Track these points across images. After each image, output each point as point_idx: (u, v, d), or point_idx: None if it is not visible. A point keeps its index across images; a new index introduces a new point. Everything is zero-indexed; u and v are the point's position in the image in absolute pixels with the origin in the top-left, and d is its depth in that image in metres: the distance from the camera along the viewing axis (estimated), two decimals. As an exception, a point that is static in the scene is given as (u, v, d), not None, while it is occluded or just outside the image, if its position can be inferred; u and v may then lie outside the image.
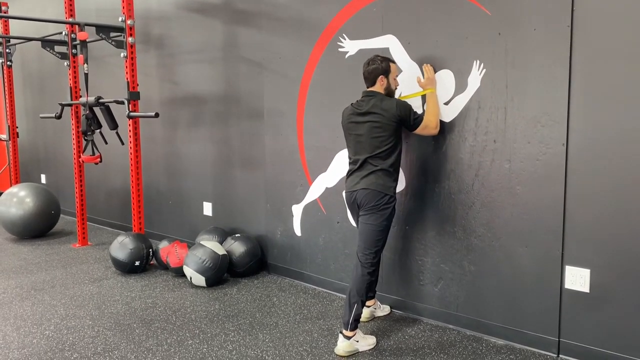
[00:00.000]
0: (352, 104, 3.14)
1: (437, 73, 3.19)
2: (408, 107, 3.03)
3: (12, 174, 6.50)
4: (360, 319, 3.30)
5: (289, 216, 4.15)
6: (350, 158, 3.14)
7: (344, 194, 3.23)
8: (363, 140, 3.02)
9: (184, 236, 5.02)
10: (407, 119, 3.01)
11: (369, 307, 3.41)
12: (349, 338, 2.94)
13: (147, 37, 5.23)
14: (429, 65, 3.17)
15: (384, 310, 3.48)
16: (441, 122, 3.20)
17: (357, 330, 2.98)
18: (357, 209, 3.06)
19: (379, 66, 3.04)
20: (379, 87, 3.06)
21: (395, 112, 2.96)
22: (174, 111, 5.08)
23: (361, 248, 3.02)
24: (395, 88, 3.15)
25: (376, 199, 2.97)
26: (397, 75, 3.16)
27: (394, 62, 3.14)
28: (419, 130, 3.07)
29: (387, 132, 2.98)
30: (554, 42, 2.74)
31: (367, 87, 3.10)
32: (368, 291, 3.03)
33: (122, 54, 4.57)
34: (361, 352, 2.97)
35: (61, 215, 6.18)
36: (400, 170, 3.42)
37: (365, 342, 3.01)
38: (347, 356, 2.92)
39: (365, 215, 3.01)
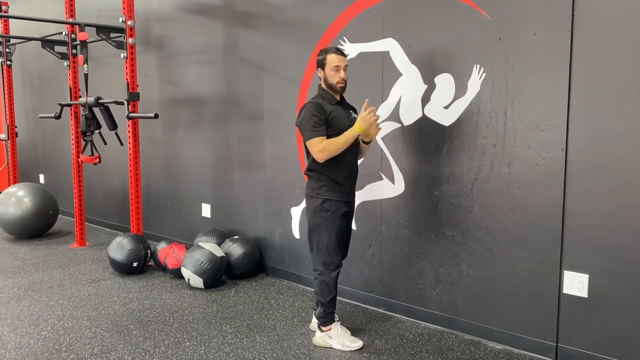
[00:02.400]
0: None
1: (437, 77, 3.19)
2: (305, 118, 2.91)
3: (10, 173, 6.49)
4: (311, 328, 3.31)
5: (287, 218, 4.15)
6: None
7: None
8: None
9: (182, 237, 5.02)
10: (301, 129, 2.97)
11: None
12: (322, 331, 3.09)
13: (148, 38, 5.23)
14: (370, 107, 2.91)
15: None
16: (441, 125, 3.20)
17: (334, 327, 3.07)
18: None
19: (317, 59, 3.02)
20: (321, 80, 3.03)
21: (296, 120, 3.00)
22: (174, 112, 5.08)
23: None
24: (339, 82, 2.95)
25: (306, 204, 3.08)
26: (335, 66, 2.93)
27: (338, 52, 2.96)
28: (307, 144, 2.93)
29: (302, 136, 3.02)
30: (554, 46, 2.74)
31: None
32: (327, 292, 3.03)
33: (122, 55, 4.57)
34: (336, 349, 3.04)
35: (59, 216, 6.17)
36: (400, 174, 3.42)
37: (340, 340, 3.05)
38: (326, 347, 3.07)
39: None
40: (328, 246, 3.01)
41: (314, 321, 3.26)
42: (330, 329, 3.07)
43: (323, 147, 2.89)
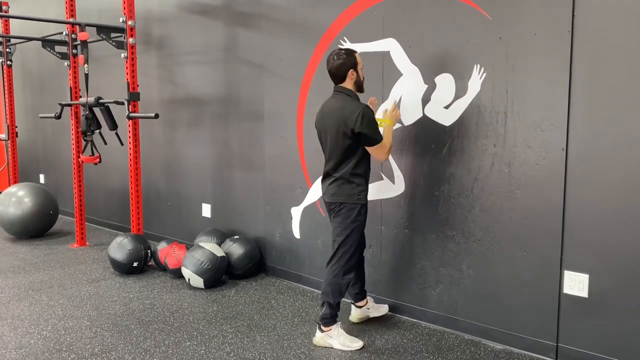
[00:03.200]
0: (323, 104, 3.12)
1: (437, 77, 3.19)
2: (372, 123, 2.93)
3: (11, 173, 6.49)
4: (354, 320, 3.39)
5: (288, 218, 4.15)
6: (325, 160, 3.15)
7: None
8: (332, 145, 3.02)
9: (183, 237, 5.02)
10: (367, 135, 2.91)
11: (360, 307, 3.40)
12: (322, 331, 3.08)
13: (148, 38, 5.23)
14: (394, 103, 3.19)
15: (379, 310, 3.46)
16: (441, 125, 3.21)
17: (335, 328, 3.07)
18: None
19: (346, 60, 2.96)
20: (349, 82, 3.01)
21: (354, 128, 2.88)
22: (174, 112, 5.08)
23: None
24: (363, 79, 3.07)
25: (337, 209, 3.05)
26: (362, 64, 3.06)
27: (356, 51, 3.07)
28: (373, 149, 2.97)
29: (348, 141, 2.94)
30: (555, 46, 2.74)
31: (336, 84, 3.05)
32: (339, 294, 3.05)
33: (122, 55, 4.57)
34: (337, 349, 3.04)
35: (60, 216, 6.17)
36: (400, 174, 3.43)
37: (340, 340, 3.05)
38: (326, 347, 3.07)
39: (332, 222, 3.11)
40: (354, 250, 3.06)
41: (355, 313, 3.39)
42: (330, 329, 3.07)
43: (389, 148, 3.06)
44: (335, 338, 3.06)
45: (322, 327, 3.09)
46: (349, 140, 2.93)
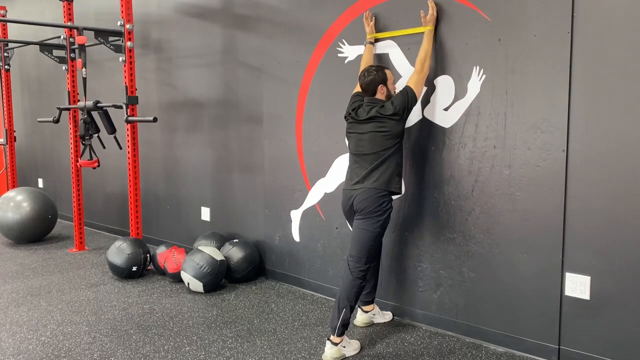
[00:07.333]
0: (359, 104, 3.12)
1: (436, 79, 3.19)
2: (399, 94, 3.05)
3: (9, 178, 6.47)
4: (358, 324, 3.35)
5: (287, 222, 4.14)
6: (351, 156, 3.14)
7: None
8: (366, 144, 3.03)
9: (182, 241, 5.00)
10: (406, 100, 3.00)
11: (367, 312, 3.39)
12: (336, 344, 2.94)
13: (146, 41, 5.22)
14: (432, 1, 3.13)
15: (384, 317, 3.46)
16: (441, 127, 3.19)
17: (344, 336, 2.98)
18: (353, 212, 3.05)
19: (376, 76, 3.04)
20: (380, 95, 3.07)
21: (393, 109, 2.98)
22: (173, 116, 5.06)
23: (353, 254, 3.00)
24: (394, 91, 3.14)
25: (375, 204, 2.95)
26: (394, 80, 3.16)
27: (388, 68, 3.14)
28: (418, 83, 3.05)
29: (391, 134, 2.98)
30: (554, 48, 2.74)
31: (368, 97, 3.10)
32: (358, 296, 3.00)
33: (120, 58, 4.55)
34: (348, 357, 2.96)
35: (58, 220, 6.15)
36: (400, 176, 3.42)
37: (351, 347, 3.01)
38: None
39: (360, 219, 3.00)
40: (378, 247, 3.11)
41: (360, 318, 3.38)
42: (342, 339, 2.97)
43: (428, 57, 3.09)
44: (347, 346, 3.00)
45: (336, 338, 2.93)
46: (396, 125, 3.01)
